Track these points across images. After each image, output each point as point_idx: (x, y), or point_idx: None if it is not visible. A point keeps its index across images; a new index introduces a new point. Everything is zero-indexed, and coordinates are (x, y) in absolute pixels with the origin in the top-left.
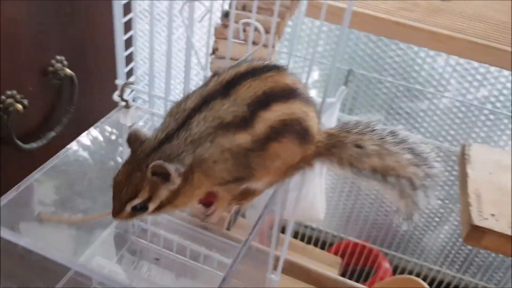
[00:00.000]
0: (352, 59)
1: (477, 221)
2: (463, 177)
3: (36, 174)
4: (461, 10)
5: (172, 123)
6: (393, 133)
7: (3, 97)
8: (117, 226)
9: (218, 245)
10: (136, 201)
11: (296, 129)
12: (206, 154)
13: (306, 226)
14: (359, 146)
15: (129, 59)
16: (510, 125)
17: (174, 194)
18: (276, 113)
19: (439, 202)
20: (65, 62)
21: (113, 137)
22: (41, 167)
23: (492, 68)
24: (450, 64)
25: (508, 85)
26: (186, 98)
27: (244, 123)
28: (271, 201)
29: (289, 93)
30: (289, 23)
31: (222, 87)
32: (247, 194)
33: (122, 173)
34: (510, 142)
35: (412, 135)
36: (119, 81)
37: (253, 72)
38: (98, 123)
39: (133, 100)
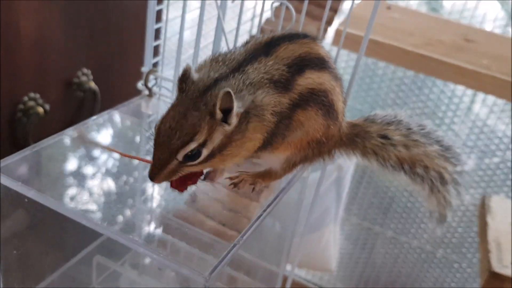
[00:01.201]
0: (375, 102)
1: (497, 268)
2: (482, 226)
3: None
4: (484, 50)
5: (223, 67)
6: (420, 125)
7: (25, 98)
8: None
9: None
10: (192, 145)
11: (322, 100)
12: (265, 100)
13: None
14: (384, 136)
15: (155, 51)
16: None
17: (226, 142)
18: (307, 80)
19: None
20: (91, 76)
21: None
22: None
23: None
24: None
25: None
26: (226, 53)
27: (286, 85)
28: (288, 185)
29: (322, 63)
30: None
31: (262, 47)
32: (266, 175)
33: (172, 118)
34: None
35: (440, 130)
36: (145, 69)
37: (289, 37)
38: (119, 106)
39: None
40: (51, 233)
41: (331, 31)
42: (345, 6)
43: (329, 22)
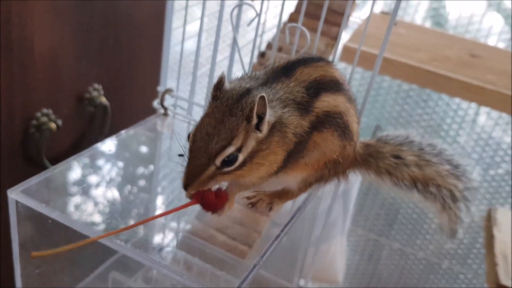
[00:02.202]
0: (381, 114)
1: (505, 281)
2: (489, 239)
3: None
4: (490, 66)
5: (251, 82)
6: (431, 145)
7: (38, 114)
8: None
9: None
10: (230, 150)
11: (337, 122)
12: (290, 119)
13: None
14: (397, 157)
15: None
16: None
17: (256, 149)
18: (323, 103)
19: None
20: (102, 91)
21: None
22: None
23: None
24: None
25: None
26: (249, 75)
27: (307, 107)
28: (304, 204)
29: (337, 86)
30: None
31: (280, 70)
32: (283, 195)
33: (208, 124)
34: None
35: (449, 148)
36: (161, 88)
37: (303, 61)
38: (136, 125)
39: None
40: (70, 250)
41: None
42: (350, 24)
43: (336, 38)
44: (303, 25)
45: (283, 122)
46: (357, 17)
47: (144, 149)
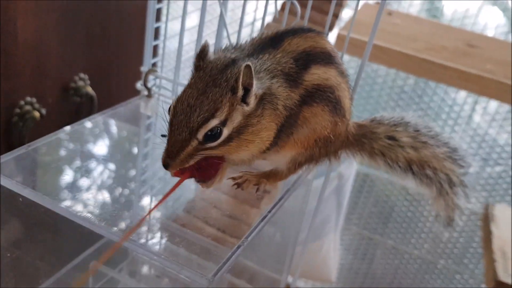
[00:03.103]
0: (375, 110)
1: (503, 277)
2: (487, 235)
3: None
4: (488, 56)
5: (237, 53)
6: (427, 127)
7: (22, 102)
8: None
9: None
10: (213, 123)
11: (328, 97)
12: (279, 90)
13: None
14: (392, 138)
15: (154, 53)
16: None
17: (243, 124)
18: (313, 75)
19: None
20: (88, 81)
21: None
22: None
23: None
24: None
25: None
26: (235, 45)
27: (296, 79)
28: (293, 186)
29: (328, 58)
30: None
31: (268, 41)
32: (271, 175)
33: (190, 95)
34: None
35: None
36: (144, 68)
37: (292, 31)
38: (117, 106)
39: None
40: (46, 237)
41: (332, 36)
42: (344, 15)
43: (331, 28)
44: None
45: (272, 93)
46: (352, 7)
47: (125, 132)
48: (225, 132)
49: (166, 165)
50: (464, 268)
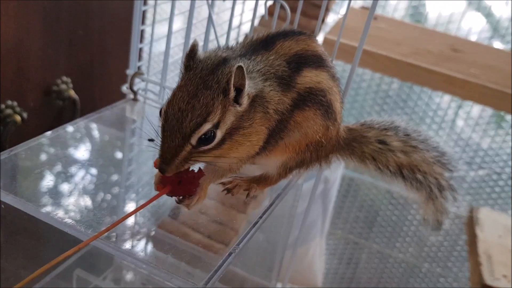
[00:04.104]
0: (360, 115)
1: (489, 281)
2: (472, 238)
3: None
4: (472, 60)
5: (229, 52)
6: (416, 131)
7: (2, 105)
8: None
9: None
10: (206, 127)
11: (320, 100)
12: (271, 94)
13: None
14: (382, 142)
15: (140, 56)
16: None
17: (236, 126)
18: (305, 78)
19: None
20: (71, 84)
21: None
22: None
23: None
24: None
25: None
26: (227, 47)
27: (289, 82)
28: (284, 191)
29: (319, 61)
30: None
31: (259, 43)
32: (261, 180)
33: (181, 99)
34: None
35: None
36: (130, 71)
37: (284, 34)
38: (102, 109)
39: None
40: (28, 244)
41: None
42: (328, 19)
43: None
44: (283, 18)
45: (264, 97)
46: (337, 12)
47: (110, 136)
48: (219, 134)
49: (162, 170)
50: (448, 271)
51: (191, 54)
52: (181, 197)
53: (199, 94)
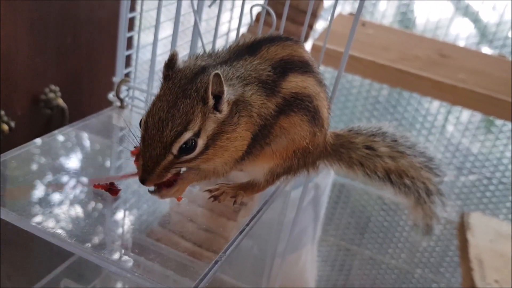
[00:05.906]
0: (350, 121)
1: (481, 285)
2: (463, 243)
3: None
4: (460, 65)
5: (209, 60)
6: (404, 137)
7: None
8: None
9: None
10: (187, 136)
11: (307, 106)
12: (253, 98)
13: None
14: (370, 148)
15: (127, 63)
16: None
17: (218, 131)
18: (291, 83)
19: None
20: (59, 93)
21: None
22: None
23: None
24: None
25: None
26: (210, 52)
27: (274, 87)
28: (272, 198)
29: (306, 66)
30: None
31: (245, 48)
32: (248, 187)
33: (160, 109)
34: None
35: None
36: (116, 79)
37: (270, 39)
38: (89, 117)
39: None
40: (14, 254)
41: (307, 47)
42: (318, 26)
43: (305, 38)
44: (270, 25)
45: (246, 101)
46: (326, 18)
47: (97, 145)
48: (200, 142)
49: (143, 181)
50: (440, 277)
51: (170, 64)
52: (156, 187)
53: (179, 103)
